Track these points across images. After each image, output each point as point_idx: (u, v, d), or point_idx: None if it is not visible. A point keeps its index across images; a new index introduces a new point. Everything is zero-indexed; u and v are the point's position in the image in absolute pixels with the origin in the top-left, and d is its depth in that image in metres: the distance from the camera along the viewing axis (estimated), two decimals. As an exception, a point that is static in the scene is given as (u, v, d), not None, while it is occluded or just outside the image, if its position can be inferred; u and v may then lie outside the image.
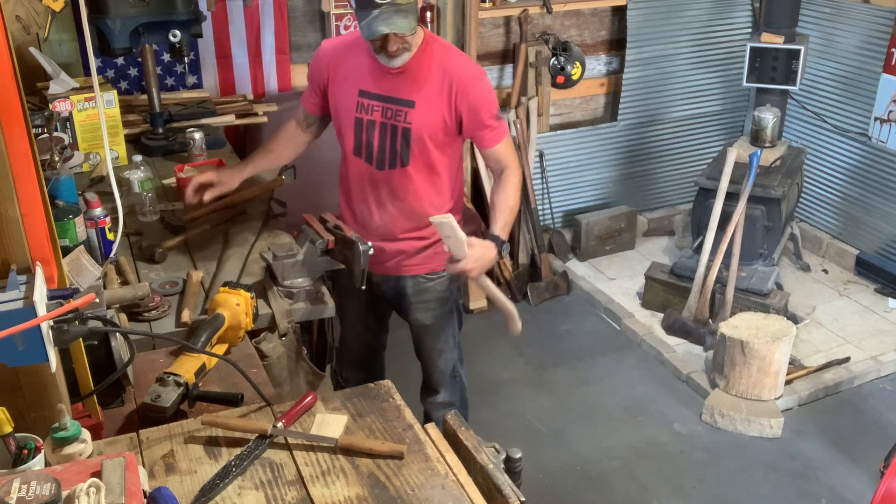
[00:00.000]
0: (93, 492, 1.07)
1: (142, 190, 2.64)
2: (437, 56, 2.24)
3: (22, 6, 3.31)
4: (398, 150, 2.29)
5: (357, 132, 2.32)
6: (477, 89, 2.24)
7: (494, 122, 2.28)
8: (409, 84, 2.24)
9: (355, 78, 2.29)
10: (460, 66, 2.25)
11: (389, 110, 2.26)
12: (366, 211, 2.41)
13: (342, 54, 2.33)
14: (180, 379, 1.65)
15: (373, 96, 2.27)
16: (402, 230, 2.40)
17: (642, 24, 4.48)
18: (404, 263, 2.45)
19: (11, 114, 1.26)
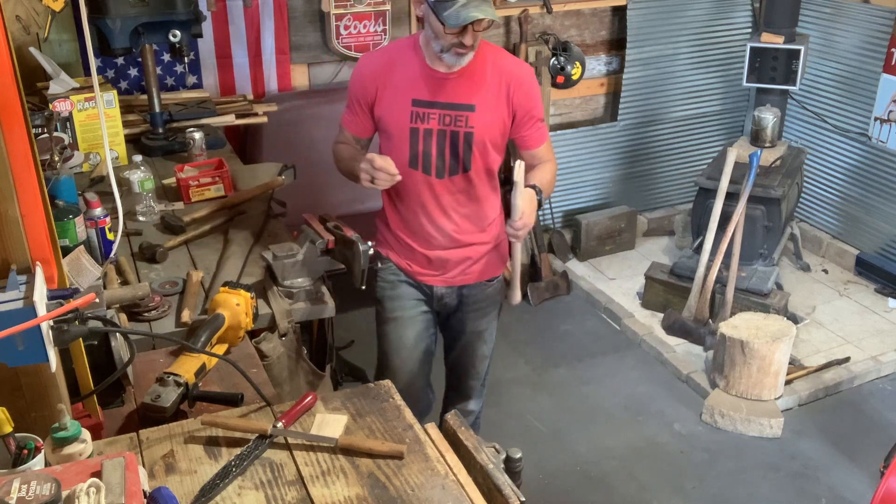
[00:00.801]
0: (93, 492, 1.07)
1: (142, 190, 2.64)
2: (490, 57, 2.21)
3: (22, 6, 3.31)
4: (460, 155, 2.24)
5: (413, 143, 2.24)
6: (531, 88, 2.24)
7: (540, 122, 2.29)
8: (466, 88, 2.20)
9: (407, 88, 2.21)
10: (514, 65, 2.25)
11: (448, 117, 2.20)
12: (428, 224, 2.34)
13: (388, 67, 2.24)
14: (180, 379, 1.65)
15: (428, 104, 2.21)
16: (467, 236, 2.37)
17: (642, 24, 4.48)
18: (469, 270, 2.42)
19: (11, 114, 1.26)
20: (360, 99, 2.28)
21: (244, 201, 2.71)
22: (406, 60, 2.23)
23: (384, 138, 2.31)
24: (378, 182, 2.16)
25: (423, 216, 2.33)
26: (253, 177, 2.91)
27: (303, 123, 3.91)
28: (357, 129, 2.35)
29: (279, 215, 2.69)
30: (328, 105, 3.98)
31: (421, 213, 2.33)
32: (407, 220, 2.37)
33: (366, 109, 2.29)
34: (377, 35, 4.00)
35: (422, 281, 2.43)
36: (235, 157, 3.28)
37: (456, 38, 2.06)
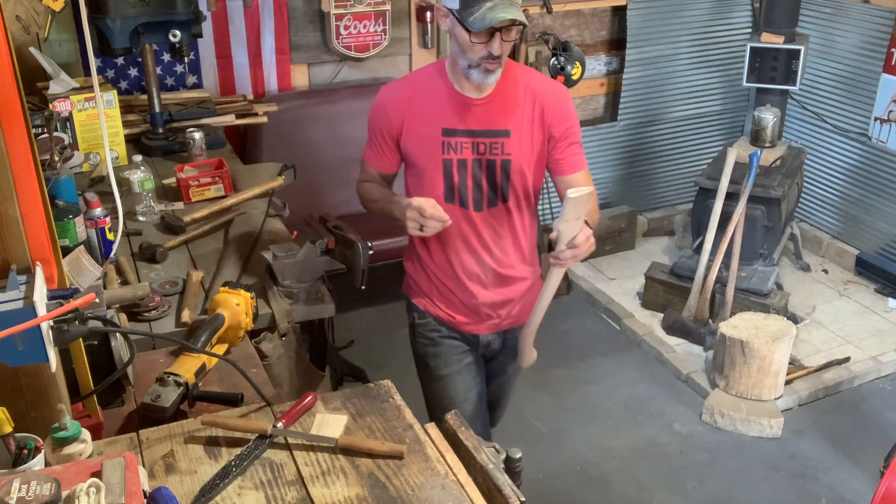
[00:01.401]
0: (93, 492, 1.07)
1: (142, 190, 2.64)
2: (522, 79, 2.06)
3: (22, 6, 3.31)
4: (498, 185, 2.09)
5: (447, 176, 2.08)
6: (566, 108, 2.09)
7: (576, 146, 2.10)
8: (499, 113, 2.04)
9: (435, 118, 2.05)
10: (547, 86, 2.09)
11: (482, 144, 2.05)
12: (470, 261, 2.17)
13: (412, 96, 2.09)
14: (180, 379, 1.65)
15: (460, 133, 2.05)
16: (510, 270, 2.19)
17: (642, 24, 4.48)
18: (512, 313, 2.26)
19: (11, 114, 1.26)
20: (384, 132, 2.13)
21: (244, 201, 2.71)
22: (431, 87, 2.07)
23: (413, 173, 2.15)
24: (428, 230, 2.00)
25: (464, 253, 2.16)
26: (253, 177, 2.91)
27: (303, 123, 3.91)
28: (382, 165, 2.20)
29: (279, 215, 2.69)
30: (328, 105, 3.99)
31: (461, 250, 2.16)
32: (446, 262, 2.19)
33: (391, 143, 2.13)
34: (377, 35, 4.00)
35: (466, 331, 2.28)
36: (235, 157, 3.28)
37: (484, 48, 1.91)
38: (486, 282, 2.19)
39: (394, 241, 3.74)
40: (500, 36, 1.90)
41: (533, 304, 2.15)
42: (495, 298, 2.22)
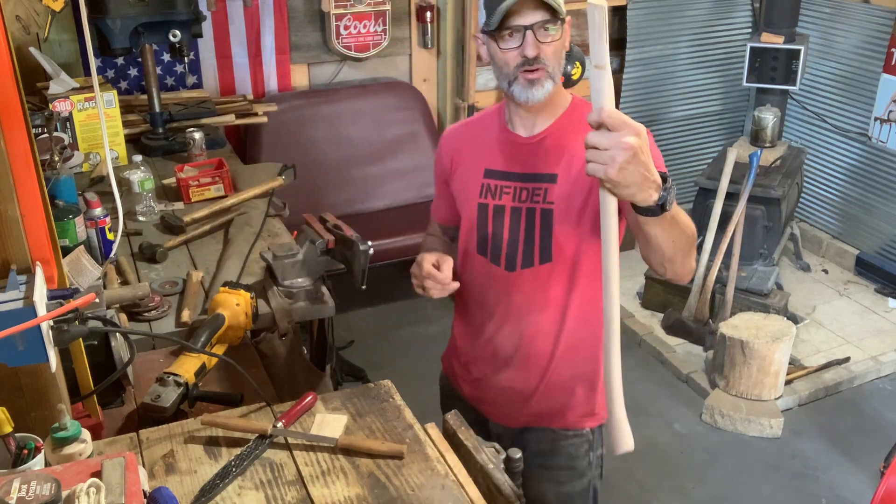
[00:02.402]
0: (93, 492, 1.07)
1: (142, 190, 2.64)
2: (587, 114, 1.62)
3: (22, 6, 3.31)
4: (536, 240, 1.71)
5: (481, 223, 1.76)
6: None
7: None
8: (548, 154, 1.70)
9: (481, 157, 1.78)
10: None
11: (525, 190, 1.71)
12: (492, 330, 1.81)
13: (468, 135, 1.84)
14: (180, 379, 1.65)
15: (502, 175, 1.74)
16: (539, 356, 1.77)
17: (642, 24, 4.48)
18: (538, 410, 1.83)
19: (11, 114, 1.26)
20: (440, 177, 1.89)
21: (244, 201, 2.71)
22: (487, 126, 1.81)
23: (461, 221, 1.84)
24: (430, 291, 1.73)
25: (487, 319, 1.82)
26: (253, 177, 2.91)
27: (303, 123, 3.91)
28: (440, 215, 1.95)
29: (279, 215, 2.69)
30: (328, 105, 3.99)
31: (484, 313, 1.82)
32: (467, 323, 1.88)
33: (446, 189, 1.88)
34: (377, 35, 4.00)
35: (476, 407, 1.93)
36: (235, 157, 3.28)
37: (517, 53, 1.60)
38: (506, 359, 1.81)
39: (394, 241, 3.74)
40: (534, 35, 1.58)
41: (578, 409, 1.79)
42: (514, 383, 1.82)
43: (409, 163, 4.11)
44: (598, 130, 1.27)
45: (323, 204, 3.72)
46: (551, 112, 1.71)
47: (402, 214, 3.99)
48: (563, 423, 1.84)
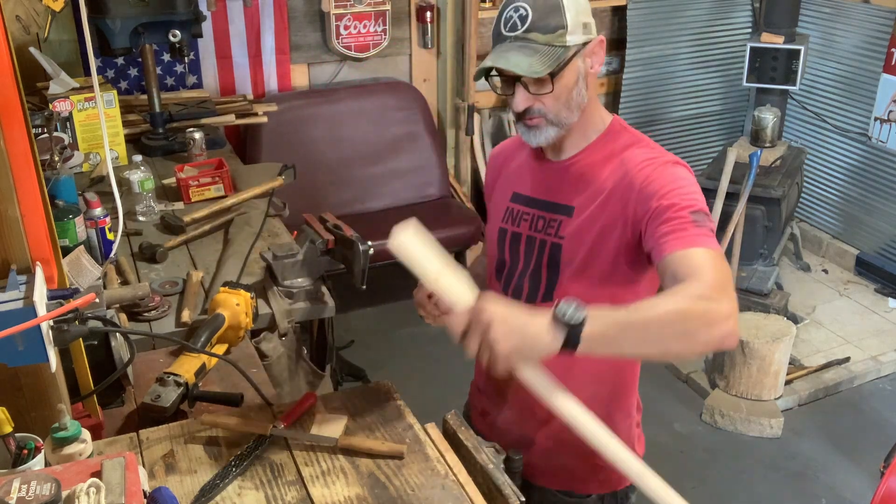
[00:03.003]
0: (93, 492, 1.07)
1: (142, 190, 2.64)
2: (621, 145, 1.51)
3: (22, 6, 3.31)
4: (542, 277, 1.56)
5: (500, 248, 1.64)
6: (662, 176, 1.43)
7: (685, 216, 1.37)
8: (572, 183, 1.53)
9: (513, 179, 1.65)
10: (645, 154, 1.48)
11: (542, 219, 1.56)
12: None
13: (510, 153, 1.71)
14: (180, 379, 1.65)
15: (525, 200, 1.60)
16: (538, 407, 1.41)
17: (642, 24, 4.48)
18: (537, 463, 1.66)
19: (11, 114, 1.26)
20: (486, 195, 1.77)
21: (244, 201, 2.71)
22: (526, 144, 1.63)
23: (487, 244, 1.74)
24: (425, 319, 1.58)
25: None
26: (253, 177, 2.91)
27: (303, 123, 3.91)
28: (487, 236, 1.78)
29: (279, 215, 2.69)
30: (328, 105, 3.99)
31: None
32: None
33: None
34: (377, 35, 4.00)
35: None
36: (235, 157, 3.28)
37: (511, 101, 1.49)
38: (506, 401, 1.69)
39: (394, 241, 3.74)
40: (525, 88, 1.44)
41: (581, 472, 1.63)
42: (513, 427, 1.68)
43: (409, 163, 4.11)
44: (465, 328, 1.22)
45: (323, 204, 3.72)
46: (583, 134, 1.53)
47: (402, 214, 3.94)
48: (563, 485, 1.66)
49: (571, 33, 1.42)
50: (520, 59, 1.40)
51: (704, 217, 1.38)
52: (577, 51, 1.43)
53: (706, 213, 1.39)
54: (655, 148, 1.51)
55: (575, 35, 1.42)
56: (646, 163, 1.45)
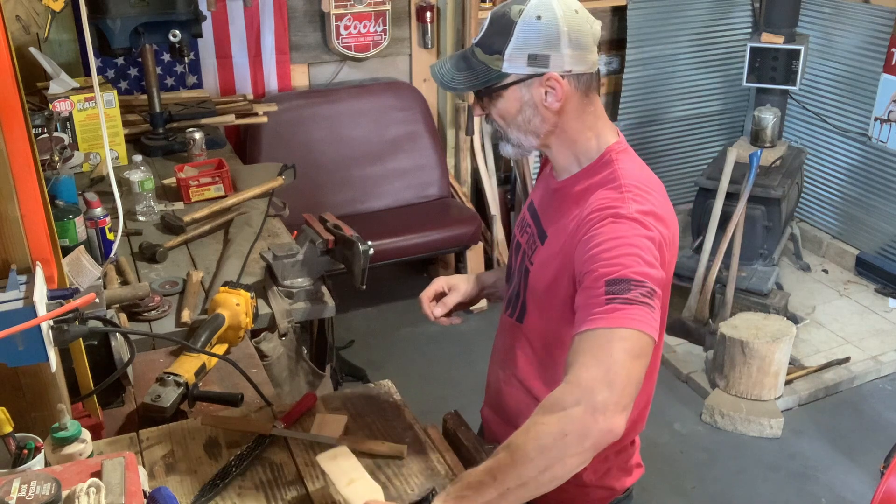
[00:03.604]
0: (93, 492, 1.07)
1: (142, 190, 2.64)
2: (598, 180, 1.42)
3: (22, 6, 3.31)
4: (520, 294, 1.54)
5: (509, 254, 1.64)
6: (601, 233, 1.31)
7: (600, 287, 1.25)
8: (555, 208, 1.49)
9: (537, 186, 1.63)
10: (604, 200, 1.36)
11: (533, 236, 1.53)
12: (489, 367, 1.70)
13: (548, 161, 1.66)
14: (180, 379, 1.65)
15: (531, 211, 1.57)
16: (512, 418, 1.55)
17: (642, 24, 4.48)
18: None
19: (11, 114, 1.26)
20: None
21: (244, 201, 2.71)
22: None
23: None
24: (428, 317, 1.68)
25: (492, 360, 1.70)
26: (253, 177, 2.91)
27: (303, 123, 3.91)
28: None
29: (279, 215, 2.69)
30: (328, 105, 3.99)
31: (493, 353, 1.70)
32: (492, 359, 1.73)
33: None
34: (377, 35, 4.00)
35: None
36: (235, 157, 3.28)
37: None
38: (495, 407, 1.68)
39: (394, 241, 3.75)
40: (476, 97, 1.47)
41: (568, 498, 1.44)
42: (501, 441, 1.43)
43: (409, 163, 4.11)
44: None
45: (323, 204, 3.72)
46: (573, 159, 1.47)
47: (402, 214, 3.99)
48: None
49: (509, 61, 1.37)
50: (449, 69, 1.43)
51: (625, 285, 1.24)
52: (517, 80, 1.38)
53: (630, 280, 1.25)
54: (624, 192, 1.37)
55: (514, 64, 1.37)
56: (597, 213, 1.35)
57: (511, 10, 1.38)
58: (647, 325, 1.23)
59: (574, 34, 1.36)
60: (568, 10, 1.36)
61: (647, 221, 1.33)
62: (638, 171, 1.43)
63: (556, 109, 1.40)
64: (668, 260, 1.36)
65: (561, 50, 1.36)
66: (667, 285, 1.40)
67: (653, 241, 1.31)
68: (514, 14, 1.37)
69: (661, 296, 1.30)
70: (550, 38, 1.35)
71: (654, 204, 1.36)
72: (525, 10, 1.36)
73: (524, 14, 1.36)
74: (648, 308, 1.24)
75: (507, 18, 1.37)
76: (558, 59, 1.36)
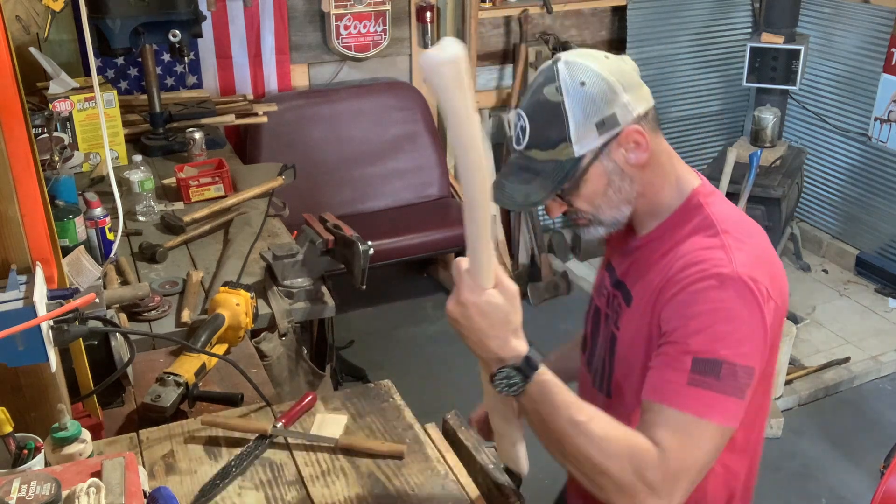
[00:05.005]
0: (93, 492, 1.07)
1: (142, 190, 2.65)
2: (687, 231, 1.27)
3: (22, 6, 3.31)
4: (605, 366, 1.40)
5: (585, 320, 1.52)
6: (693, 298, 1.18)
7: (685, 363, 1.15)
8: (638, 266, 1.34)
9: (613, 243, 1.45)
10: (696, 254, 1.22)
11: (614, 298, 1.39)
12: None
13: None
14: (180, 379, 1.65)
15: (609, 270, 1.43)
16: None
17: (642, 24, 4.48)
18: None
19: (11, 114, 1.26)
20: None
21: (244, 201, 2.71)
22: None
23: None
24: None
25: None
26: (253, 177, 2.91)
27: (303, 123, 3.91)
28: None
29: (279, 215, 2.69)
30: (328, 105, 3.99)
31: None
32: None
33: None
34: (377, 35, 4.00)
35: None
36: (235, 157, 3.28)
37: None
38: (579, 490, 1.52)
39: (394, 241, 3.75)
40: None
41: None
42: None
43: (409, 163, 4.11)
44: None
45: (323, 204, 3.72)
46: (653, 214, 1.32)
47: (402, 214, 3.99)
48: None
49: (579, 142, 1.22)
50: (516, 187, 1.27)
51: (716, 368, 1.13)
52: (594, 156, 1.24)
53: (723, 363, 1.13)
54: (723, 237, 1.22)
55: (585, 142, 1.22)
56: (695, 269, 1.20)
57: (545, 94, 1.23)
58: (730, 418, 1.14)
59: (621, 78, 1.23)
60: (599, 61, 1.24)
61: (759, 286, 1.18)
62: (734, 213, 1.29)
63: (644, 162, 1.26)
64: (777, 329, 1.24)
65: (621, 99, 1.22)
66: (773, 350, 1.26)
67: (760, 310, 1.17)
68: (551, 96, 1.23)
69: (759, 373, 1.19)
70: (605, 96, 1.22)
71: (758, 252, 1.23)
72: (562, 85, 1.22)
73: (564, 89, 1.22)
74: (736, 399, 1.14)
75: (548, 103, 1.23)
76: (623, 110, 1.23)
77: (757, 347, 1.17)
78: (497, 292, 1.11)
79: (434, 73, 0.96)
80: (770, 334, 1.20)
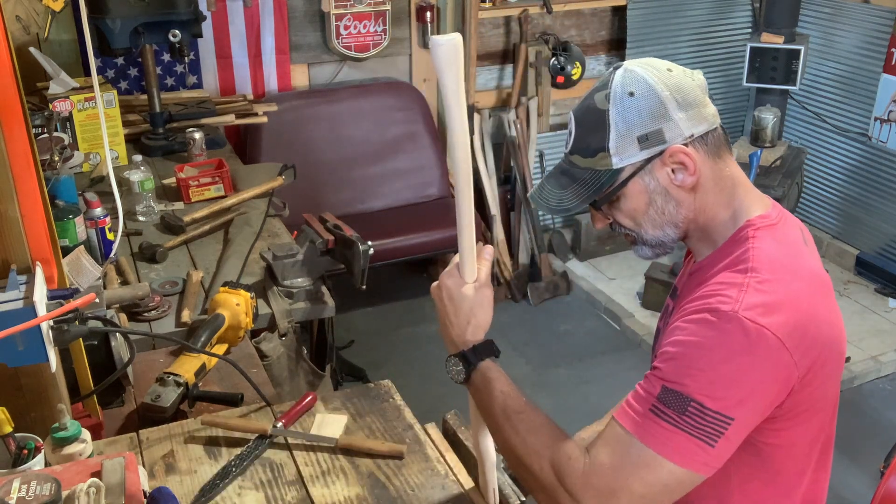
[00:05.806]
0: (93, 492, 1.07)
1: (142, 190, 2.65)
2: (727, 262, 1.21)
3: (22, 6, 3.31)
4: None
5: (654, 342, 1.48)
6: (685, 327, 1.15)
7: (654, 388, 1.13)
8: (684, 293, 1.31)
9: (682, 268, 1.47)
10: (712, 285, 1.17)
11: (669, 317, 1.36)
12: None
13: None
14: (180, 379, 1.65)
15: (673, 296, 1.41)
16: None
17: (642, 24, 4.48)
18: None
19: (11, 114, 1.26)
20: None
21: (244, 201, 2.71)
22: None
23: None
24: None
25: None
26: (253, 177, 2.91)
27: (303, 123, 3.91)
28: None
29: (279, 215, 2.69)
30: (328, 105, 3.99)
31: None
32: None
33: None
34: (377, 35, 4.00)
35: None
36: (235, 157, 3.28)
37: None
38: None
39: (394, 241, 3.75)
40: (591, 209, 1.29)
41: None
42: None
43: (409, 163, 4.11)
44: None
45: (323, 204, 3.72)
46: (708, 241, 1.27)
47: (402, 214, 3.99)
48: None
49: (617, 154, 1.19)
50: (553, 190, 1.25)
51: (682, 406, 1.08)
52: (635, 171, 1.20)
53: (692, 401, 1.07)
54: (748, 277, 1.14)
55: (624, 155, 1.18)
56: (694, 303, 1.17)
57: (595, 100, 1.21)
58: (687, 461, 1.08)
59: (678, 94, 1.17)
60: (660, 73, 1.18)
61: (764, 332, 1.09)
62: (779, 253, 1.19)
63: (692, 185, 1.20)
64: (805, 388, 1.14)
65: (672, 117, 1.17)
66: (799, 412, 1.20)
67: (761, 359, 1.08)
68: (599, 102, 1.20)
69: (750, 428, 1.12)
70: (654, 110, 1.17)
71: (787, 298, 1.13)
72: (611, 93, 1.19)
73: (612, 97, 1.18)
74: (699, 442, 1.07)
75: (595, 110, 1.20)
76: (673, 128, 1.17)
77: (742, 397, 1.08)
78: (472, 286, 1.24)
79: (433, 54, 1.10)
80: (778, 388, 1.11)
